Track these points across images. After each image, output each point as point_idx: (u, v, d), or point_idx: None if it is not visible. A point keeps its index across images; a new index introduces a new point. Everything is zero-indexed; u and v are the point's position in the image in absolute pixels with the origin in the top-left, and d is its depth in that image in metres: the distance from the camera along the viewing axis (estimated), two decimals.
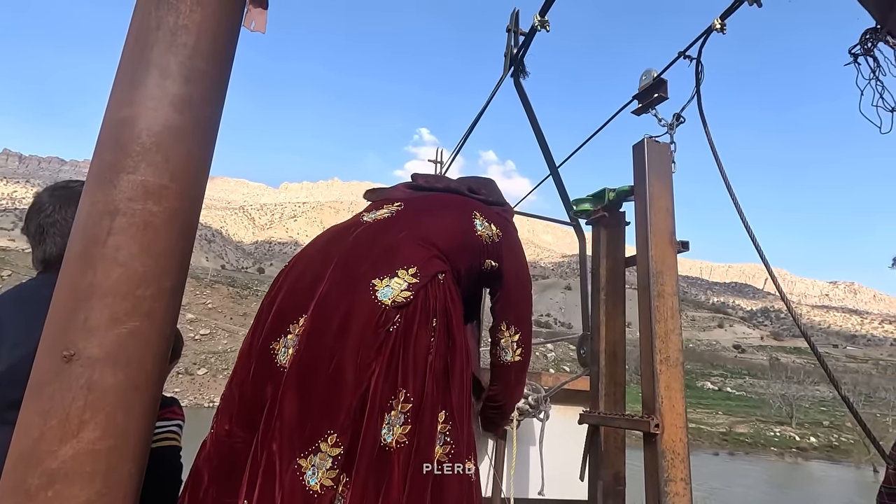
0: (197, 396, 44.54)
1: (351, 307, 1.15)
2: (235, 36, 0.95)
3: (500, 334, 1.45)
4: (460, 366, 1.22)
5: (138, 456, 0.78)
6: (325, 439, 1.07)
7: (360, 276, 1.19)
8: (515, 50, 2.45)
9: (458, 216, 1.39)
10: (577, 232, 2.52)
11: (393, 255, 1.24)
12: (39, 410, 0.72)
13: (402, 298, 1.17)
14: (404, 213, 1.37)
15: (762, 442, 42.15)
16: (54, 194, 1.24)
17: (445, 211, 1.41)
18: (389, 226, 1.33)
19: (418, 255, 1.25)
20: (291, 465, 1.06)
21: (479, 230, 1.39)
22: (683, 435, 1.40)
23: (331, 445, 1.07)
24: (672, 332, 1.47)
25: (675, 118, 1.82)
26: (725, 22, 1.82)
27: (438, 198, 1.47)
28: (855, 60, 1.52)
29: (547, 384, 2.30)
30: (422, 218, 1.36)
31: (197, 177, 0.87)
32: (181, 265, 0.85)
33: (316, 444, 1.07)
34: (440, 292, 1.24)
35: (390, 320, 1.14)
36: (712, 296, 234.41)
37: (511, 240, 1.46)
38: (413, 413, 1.11)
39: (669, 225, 1.57)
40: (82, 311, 0.75)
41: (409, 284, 1.19)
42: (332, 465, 1.06)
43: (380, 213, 1.36)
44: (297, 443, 1.07)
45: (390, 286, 1.18)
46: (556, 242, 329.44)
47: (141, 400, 0.78)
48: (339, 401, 1.09)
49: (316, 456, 1.06)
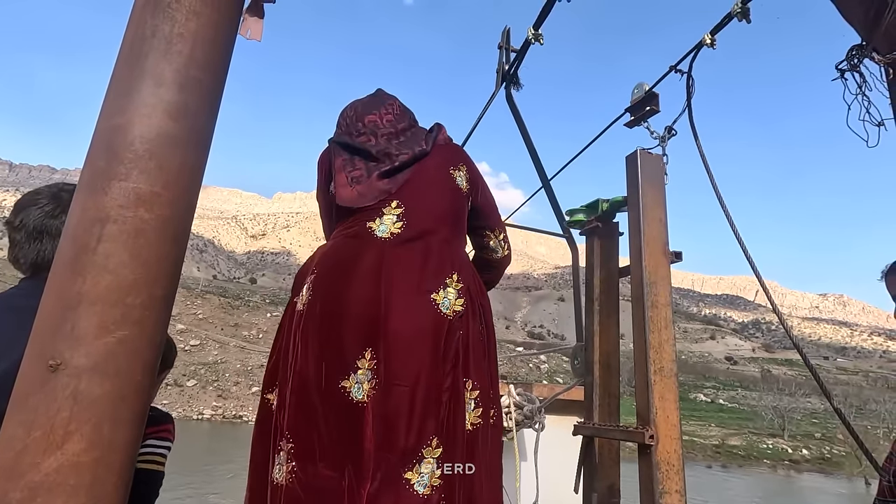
0: (186, 409, 43.88)
1: (422, 326, 1.24)
2: (231, 45, 0.95)
3: (487, 239, 1.55)
4: (493, 337, 1.40)
5: (124, 469, 0.76)
6: (429, 443, 1.18)
7: (417, 292, 1.27)
8: (507, 66, 2.49)
9: (445, 189, 1.43)
10: (570, 244, 2.53)
11: (436, 266, 1.31)
12: (23, 422, 0.71)
13: (460, 307, 1.29)
14: (409, 215, 1.36)
15: (755, 454, 42.13)
16: (60, 196, 1.17)
17: (434, 191, 1.42)
18: (408, 233, 1.34)
19: (451, 256, 1.36)
20: (400, 482, 1.15)
21: (461, 184, 1.45)
22: (678, 446, 1.39)
23: (433, 449, 1.18)
24: (666, 343, 1.47)
25: (666, 131, 1.84)
26: (715, 37, 1.85)
27: (420, 177, 1.43)
28: (842, 76, 1.55)
29: (541, 395, 2.29)
30: (425, 212, 1.38)
31: (190, 185, 0.87)
32: (172, 273, 0.84)
33: (420, 452, 1.17)
34: (474, 280, 1.38)
35: (456, 331, 1.27)
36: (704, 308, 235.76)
37: (468, 162, 1.52)
38: (481, 397, 1.28)
39: (663, 235, 1.58)
40: (70, 319, 0.74)
41: (459, 291, 1.30)
42: (437, 466, 1.18)
43: (390, 225, 1.35)
44: (399, 459, 1.16)
45: (447, 297, 1.28)
46: (549, 254, 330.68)
47: (129, 411, 0.76)
48: (432, 408, 1.20)
49: (421, 463, 1.16)
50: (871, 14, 1.46)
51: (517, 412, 2.17)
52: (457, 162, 1.48)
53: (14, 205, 1.22)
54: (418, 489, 1.15)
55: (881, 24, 1.43)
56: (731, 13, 1.77)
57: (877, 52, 1.47)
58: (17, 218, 1.17)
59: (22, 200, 1.20)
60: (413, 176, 1.41)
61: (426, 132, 1.51)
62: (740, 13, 1.75)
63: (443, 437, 1.19)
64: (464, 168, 1.48)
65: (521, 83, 2.52)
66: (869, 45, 1.48)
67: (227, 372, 49.21)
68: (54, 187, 1.22)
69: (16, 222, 1.16)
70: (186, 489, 15.16)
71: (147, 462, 1.13)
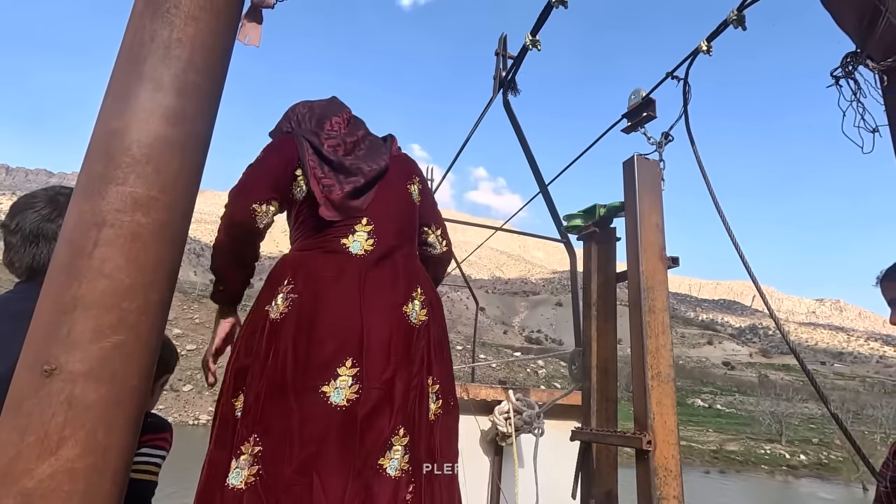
0: (182, 413, 43.64)
1: (392, 334, 1.39)
2: (229, 50, 0.95)
3: (425, 235, 1.67)
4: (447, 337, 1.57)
5: (119, 475, 0.76)
6: (397, 432, 1.34)
7: (390, 306, 1.41)
8: (504, 72, 2.50)
9: (404, 203, 1.56)
10: (568, 248, 2.54)
11: (405, 282, 1.46)
12: (17, 427, 0.70)
13: (424, 317, 1.46)
14: (378, 232, 1.47)
15: (752, 460, 42.07)
16: (57, 199, 1.16)
17: (397, 206, 1.54)
18: (382, 252, 1.47)
19: (415, 270, 1.51)
20: (375, 468, 1.30)
21: (415, 197, 1.59)
22: (676, 452, 1.39)
23: (401, 437, 1.34)
24: (663, 348, 1.47)
25: (663, 136, 1.85)
26: (711, 44, 1.87)
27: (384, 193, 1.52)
28: (836, 83, 1.56)
29: (540, 400, 2.28)
30: (391, 227, 1.50)
31: (187, 189, 0.87)
32: (169, 278, 0.84)
33: (390, 441, 1.33)
34: (431, 289, 1.54)
35: (422, 337, 1.44)
36: (701, 312, 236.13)
37: (420, 173, 1.66)
38: (441, 391, 1.46)
39: (660, 241, 1.58)
40: (65, 323, 0.73)
41: (422, 302, 1.47)
42: (404, 452, 1.34)
43: (362, 242, 1.45)
44: (375, 449, 1.31)
45: (414, 309, 1.45)
46: (547, 258, 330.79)
47: (124, 416, 0.76)
48: (399, 403, 1.35)
49: (391, 450, 1.33)
50: (864, 22, 1.47)
51: (516, 417, 2.17)
52: (411, 175, 1.60)
53: (10, 208, 1.21)
54: (390, 472, 1.31)
55: (875, 32, 1.44)
56: (727, 20, 1.79)
57: (871, 60, 1.48)
58: (14, 221, 1.15)
59: (18, 203, 1.19)
60: (378, 192, 1.50)
61: (381, 142, 1.60)
62: (736, 20, 1.77)
63: (409, 427, 1.36)
64: (416, 179, 1.61)
65: (518, 89, 2.54)
66: (863, 52, 1.49)
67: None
68: (51, 190, 1.20)
69: (12, 225, 1.15)
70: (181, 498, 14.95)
71: (140, 472, 1.11)
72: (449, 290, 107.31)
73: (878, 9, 1.43)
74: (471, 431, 2.35)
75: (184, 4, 0.87)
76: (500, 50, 2.53)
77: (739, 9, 1.75)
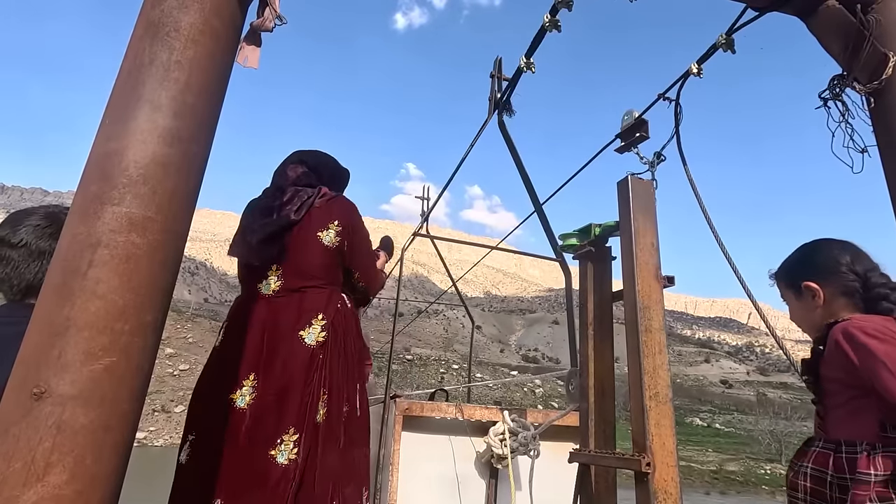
0: (173, 436, 42.74)
1: (289, 356, 1.74)
2: (228, 72, 0.96)
3: (351, 278, 1.98)
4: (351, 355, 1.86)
5: (107, 501, 0.74)
6: (287, 431, 1.68)
7: (288, 333, 1.77)
8: (499, 94, 2.54)
9: (312, 250, 1.86)
10: (563, 268, 2.54)
11: (305, 311, 1.79)
12: (3, 452, 0.68)
13: (321, 338, 1.77)
14: (285, 275, 1.84)
15: (753, 480, 41.50)
16: (59, 217, 1.13)
17: (303, 253, 1.86)
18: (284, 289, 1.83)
19: (318, 301, 1.82)
20: (266, 457, 1.64)
21: (327, 242, 1.87)
22: (675, 474, 1.37)
23: (291, 435, 1.68)
24: (660, 368, 1.46)
25: (655, 156, 1.87)
26: (702, 67, 1.91)
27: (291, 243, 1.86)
28: (825, 104, 1.59)
29: (536, 421, 2.26)
30: (296, 270, 1.84)
31: (183, 210, 0.87)
32: (163, 299, 0.83)
33: (281, 438, 1.67)
34: (341, 318, 1.85)
35: (317, 356, 1.76)
36: (698, 330, 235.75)
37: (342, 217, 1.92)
38: (328, 399, 1.76)
39: (655, 260, 1.59)
40: (57, 346, 0.72)
41: (322, 326, 1.78)
42: (293, 446, 1.67)
43: (272, 285, 1.85)
44: (266, 442, 1.66)
45: (312, 333, 1.77)
46: (542, 276, 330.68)
47: (113, 441, 0.74)
48: (292, 411, 1.70)
49: (282, 444, 1.66)
50: (850, 46, 1.51)
51: (512, 439, 2.14)
52: (325, 223, 1.89)
53: (4, 221, 1.15)
54: (280, 460, 1.66)
55: (860, 56, 1.48)
56: (716, 44, 1.83)
57: (857, 82, 1.52)
58: (16, 235, 1.09)
59: (17, 217, 1.13)
60: (287, 242, 1.85)
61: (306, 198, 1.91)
62: (725, 44, 1.81)
63: (299, 428, 1.69)
64: (332, 225, 1.89)
65: (513, 110, 2.57)
66: (850, 75, 1.53)
67: None
68: (50, 207, 1.17)
69: (13, 240, 1.09)
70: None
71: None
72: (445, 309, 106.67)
73: (863, 33, 1.47)
74: (466, 453, 2.31)
75: (184, 28, 0.88)
76: (494, 72, 2.58)
77: (728, 33, 1.80)
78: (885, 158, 1.49)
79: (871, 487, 1.08)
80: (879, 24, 1.47)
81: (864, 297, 1.35)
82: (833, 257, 1.41)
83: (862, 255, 1.41)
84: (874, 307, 1.32)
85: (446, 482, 2.26)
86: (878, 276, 1.35)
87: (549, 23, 1.98)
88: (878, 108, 1.49)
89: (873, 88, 1.47)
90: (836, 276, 1.38)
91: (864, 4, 1.50)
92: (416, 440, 2.22)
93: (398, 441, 2.12)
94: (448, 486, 2.26)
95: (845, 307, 1.36)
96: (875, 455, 1.12)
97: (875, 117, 1.51)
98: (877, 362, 1.12)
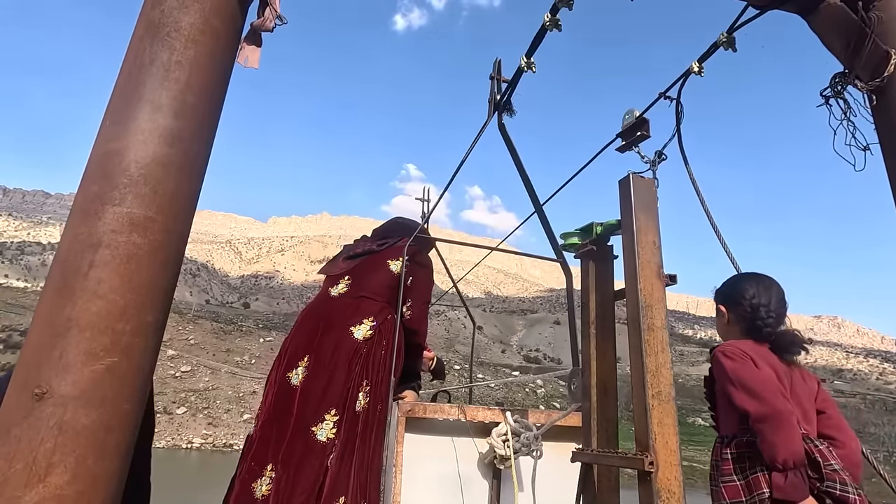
0: (175, 437, 42.76)
1: (339, 343, 2.18)
2: (228, 72, 0.96)
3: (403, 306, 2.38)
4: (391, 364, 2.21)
5: (108, 502, 0.74)
6: (329, 412, 2.03)
7: (342, 325, 2.24)
8: (499, 96, 2.53)
9: (381, 271, 2.40)
10: (564, 268, 2.54)
11: (360, 312, 2.28)
12: (4, 453, 0.68)
13: (368, 335, 2.23)
14: (353, 284, 2.40)
15: None
16: None
17: (374, 272, 2.42)
18: (349, 294, 2.38)
19: (373, 308, 2.31)
20: (309, 432, 2.00)
21: (394, 269, 2.41)
22: (678, 473, 1.37)
23: (332, 416, 2.03)
24: (663, 367, 1.46)
25: (657, 155, 1.87)
26: (703, 65, 1.90)
27: (367, 263, 2.45)
28: (826, 102, 1.59)
29: (538, 421, 2.25)
30: (364, 283, 2.39)
31: (184, 210, 0.87)
32: (164, 299, 0.83)
33: (323, 416, 2.02)
34: (388, 327, 2.29)
35: (361, 347, 2.18)
36: (700, 330, 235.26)
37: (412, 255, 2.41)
38: (371, 392, 2.11)
39: (657, 259, 1.58)
40: (58, 346, 0.72)
41: (370, 326, 2.24)
42: (333, 426, 2.01)
43: (339, 289, 2.41)
44: (310, 419, 2.03)
45: (361, 329, 2.22)
46: (544, 276, 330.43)
47: (114, 442, 0.74)
48: (335, 393, 2.06)
49: (323, 423, 2.01)
50: (851, 44, 1.50)
51: (514, 440, 2.14)
52: (395, 256, 2.43)
53: None
54: (319, 437, 2.00)
55: (861, 54, 1.47)
56: (717, 43, 1.82)
57: (859, 80, 1.51)
58: None
59: None
60: (363, 262, 2.45)
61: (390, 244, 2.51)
62: (726, 42, 1.81)
63: (340, 410, 2.04)
64: (400, 259, 2.39)
65: (514, 110, 2.56)
66: (851, 72, 1.52)
67: (219, 399, 48.16)
68: None
69: None
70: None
71: None
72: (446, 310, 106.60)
73: (864, 31, 1.46)
74: (469, 454, 2.31)
75: (184, 28, 0.88)
76: (494, 74, 2.57)
77: (729, 31, 1.79)
78: (886, 156, 1.48)
79: (730, 462, 1.51)
80: (881, 22, 1.47)
81: (750, 326, 1.63)
82: (741, 289, 1.68)
83: (769, 292, 1.65)
84: (757, 334, 1.61)
85: (449, 483, 2.26)
86: (766, 311, 1.62)
87: (550, 22, 1.98)
88: (879, 106, 1.49)
89: (875, 86, 1.47)
90: (738, 306, 1.67)
91: (866, 2, 1.49)
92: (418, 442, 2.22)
93: (401, 443, 2.12)
94: (451, 487, 2.26)
95: (739, 331, 1.66)
96: (732, 441, 1.53)
97: (877, 115, 1.50)
98: (725, 377, 1.52)
